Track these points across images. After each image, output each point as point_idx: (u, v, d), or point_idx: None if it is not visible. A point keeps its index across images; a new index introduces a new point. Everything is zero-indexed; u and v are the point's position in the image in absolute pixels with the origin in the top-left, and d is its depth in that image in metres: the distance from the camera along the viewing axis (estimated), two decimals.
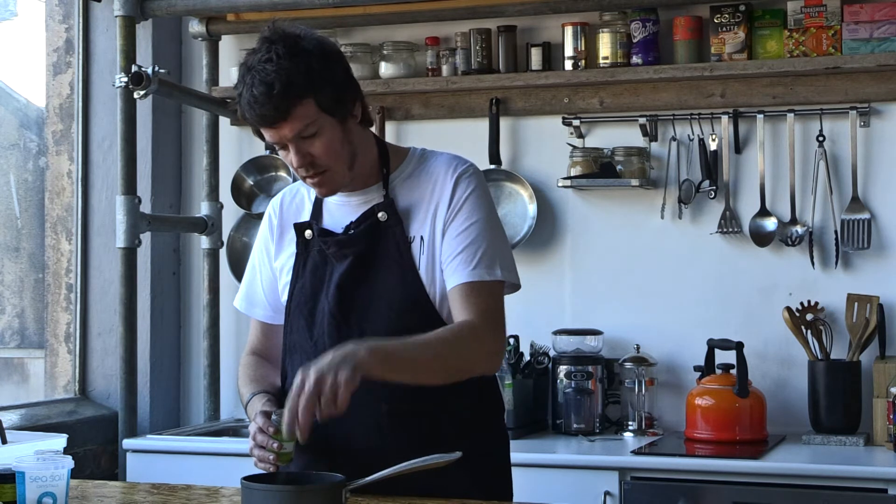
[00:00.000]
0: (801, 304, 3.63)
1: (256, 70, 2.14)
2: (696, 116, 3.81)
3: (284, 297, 2.35)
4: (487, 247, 2.23)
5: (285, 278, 2.36)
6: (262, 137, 2.25)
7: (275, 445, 2.10)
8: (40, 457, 2.11)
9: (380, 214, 2.26)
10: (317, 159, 2.19)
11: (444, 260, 2.23)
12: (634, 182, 3.78)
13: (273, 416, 2.13)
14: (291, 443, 2.11)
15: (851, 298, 3.58)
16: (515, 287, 2.30)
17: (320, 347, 2.25)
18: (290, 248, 2.36)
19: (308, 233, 2.32)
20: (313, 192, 2.37)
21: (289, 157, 2.21)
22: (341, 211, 2.32)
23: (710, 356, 3.61)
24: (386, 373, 2.07)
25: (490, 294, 2.22)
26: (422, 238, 2.25)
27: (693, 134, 3.82)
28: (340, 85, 2.21)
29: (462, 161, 2.32)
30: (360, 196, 2.31)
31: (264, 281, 2.42)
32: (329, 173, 2.22)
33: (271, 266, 2.40)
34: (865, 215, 3.65)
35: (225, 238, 4.21)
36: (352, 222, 2.29)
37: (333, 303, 2.26)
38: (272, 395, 2.32)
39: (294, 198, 2.41)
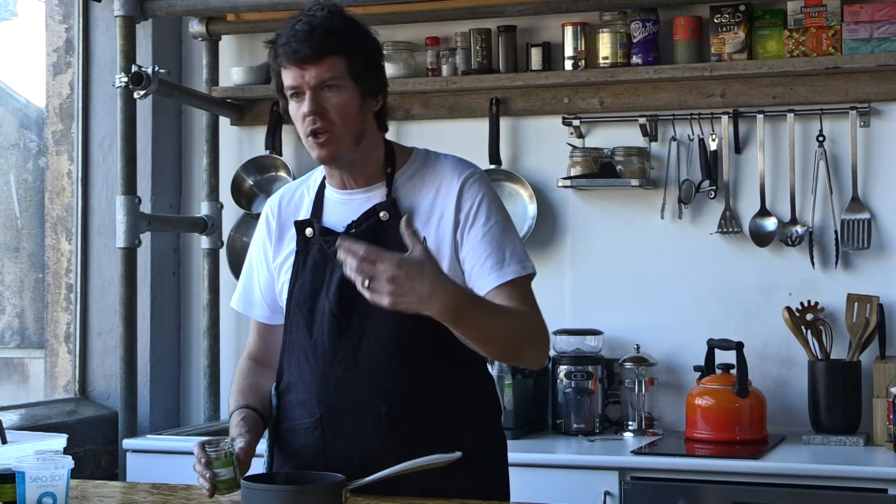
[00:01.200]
0: (801, 304, 3.63)
1: (306, 13, 2.21)
2: (696, 116, 3.80)
3: (283, 297, 2.35)
4: (512, 245, 2.25)
5: (284, 277, 2.35)
6: (280, 87, 2.24)
7: (207, 475, 2.11)
8: (40, 457, 2.11)
9: (382, 213, 2.26)
10: (328, 113, 2.19)
11: (471, 266, 2.23)
12: (634, 182, 3.78)
13: (208, 448, 2.13)
14: (227, 469, 2.12)
15: (851, 298, 3.58)
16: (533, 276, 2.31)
17: (319, 346, 2.26)
18: (290, 247, 2.35)
19: (309, 231, 2.31)
20: (313, 190, 2.36)
21: (300, 108, 2.21)
22: (342, 209, 2.31)
23: (710, 356, 3.61)
24: (459, 321, 2.06)
25: (528, 289, 2.25)
26: (424, 239, 2.25)
27: (693, 134, 3.82)
28: (374, 68, 2.26)
29: (467, 165, 2.32)
30: (362, 194, 2.30)
31: (261, 281, 2.42)
32: (335, 133, 2.21)
33: (269, 266, 2.40)
34: (865, 215, 3.65)
35: (225, 238, 4.21)
36: (353, 221, 2.28)
37: (334, 302, 2.25)
38: (253, 409, 2.33)
39: (293, 197, 2.41)
